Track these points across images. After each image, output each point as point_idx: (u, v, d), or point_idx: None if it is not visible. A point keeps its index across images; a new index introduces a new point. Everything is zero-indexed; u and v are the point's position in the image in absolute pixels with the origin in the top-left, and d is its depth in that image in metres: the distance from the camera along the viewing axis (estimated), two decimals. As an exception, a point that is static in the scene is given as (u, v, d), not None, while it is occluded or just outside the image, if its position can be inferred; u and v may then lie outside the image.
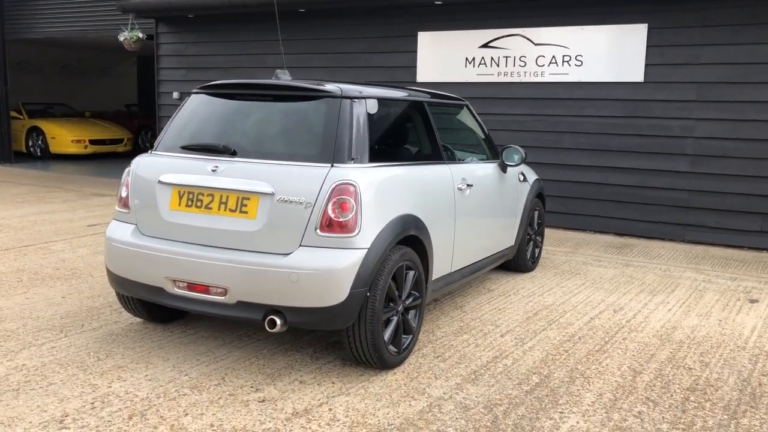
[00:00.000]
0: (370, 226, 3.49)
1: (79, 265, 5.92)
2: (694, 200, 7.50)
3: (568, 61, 7.98)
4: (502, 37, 8.32)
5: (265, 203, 3.53)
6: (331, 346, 4.11)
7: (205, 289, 3.61)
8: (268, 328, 3.47)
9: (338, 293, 3.39)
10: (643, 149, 7.70)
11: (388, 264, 3.59)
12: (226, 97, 4.08)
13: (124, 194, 4.01)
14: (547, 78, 8.11)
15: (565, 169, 8.11)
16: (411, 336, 3.92)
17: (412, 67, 8.96)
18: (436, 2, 8.49)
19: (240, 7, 9.65)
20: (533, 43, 8.15)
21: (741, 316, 4.94)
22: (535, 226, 6.12)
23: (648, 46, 7.53)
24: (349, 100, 3.76)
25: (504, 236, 5.45)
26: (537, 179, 6.11)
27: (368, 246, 3.46)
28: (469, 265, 4.82)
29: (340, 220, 3.44)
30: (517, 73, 8.27)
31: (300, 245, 3.47)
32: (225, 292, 3.55)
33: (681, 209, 7.58)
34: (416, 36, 8.89)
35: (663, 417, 3.29)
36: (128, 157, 12.17)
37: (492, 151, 5.36)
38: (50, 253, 6.30)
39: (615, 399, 3.48)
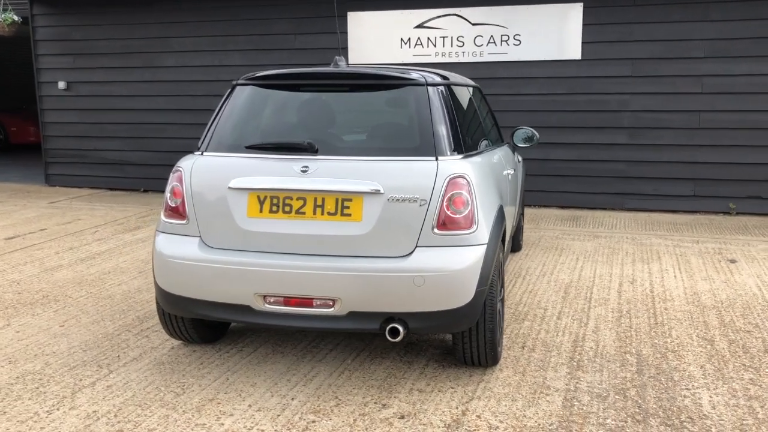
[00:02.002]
0: (485, 221, 3.32)
1: (42, 286, 5.14)
2: (633, 170, 7.97)
3: (506, 41, 8.11)
4: (438, 17, 8.27)
5: (371, 203, 3.23)
6: (407, 346, 3.90)
7: (308, 302, 3.25)
8: (390, 338, 3.20)
9: (466, 294, 3.19)
10: (583, 124, 8.03)
11: (497, 257, 3.45)
12: (285, 89, 3.68)
13: (176, 203, 3.50)
14: (486, 58, 8.19)
15: (507, 147, 8.26)
16: (501, 329, 3.81)
17: (343, 49, 8.67)
18: (369, -19, 8.25)
19: (144, -14, 8.81)
20: (470, 23, 8.18)
21: (736, 277, 5.32)
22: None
23: (584, 25, 7.83)
24: (434, 88, 3.54)
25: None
26: (522, 159, 6.17)
27: (486, 241, 3.29)
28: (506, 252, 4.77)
29: (457, 216, 3.23)
30: (455, 53, 8.28)
31: (416, 246, 3.22)
32: (333, 303, 3.22)
33: (620, 179, 8.02)
34: (346, 16, 8.60)
35: (774, 381, 3.46)
36: None
37: (500, 133, 5.32)
38: (-5, 275, 5.43)
39: (718, 369, 3.60)
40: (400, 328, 3.19)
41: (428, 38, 8.33)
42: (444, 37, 8.28)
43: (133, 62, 9.59)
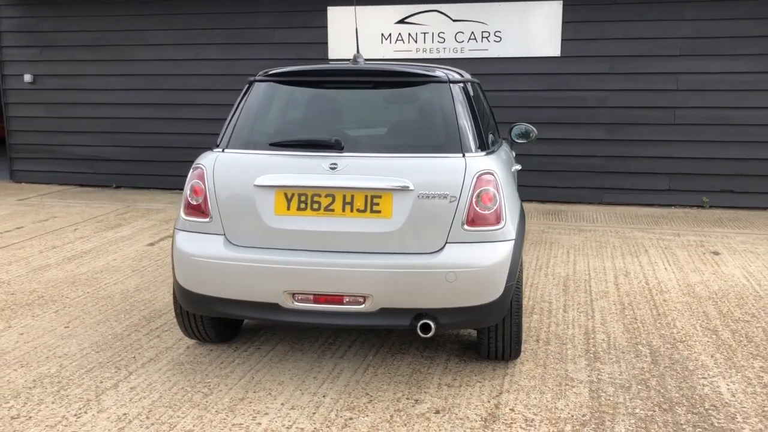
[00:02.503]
0: (510, 216, 3.37)
1: (35, 286, 5.00)
2: (611, 165, 8.15)
3: (487, 37, 8.19)
4: (419, 12, 8.30)
5: (401, 200, 3.24)
6: (425, 342, 3.93)
7: (338, 299, 3.25)
8: (421, 334, 3.22)
9: (496, 289, 3.24)
10: (562, 120, 8.18)
11: (521, 253, 3.51)
12: (306, 86, 3.65)
13: (197, 200, 3.45)
14: (467, 54, 8.26)
15: (488, 142, 8.35)
16: (518, 322, 3.87)
17: (323, 44, 8.63)
18: (350, -24, 8.23)
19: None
20: (451, 19, 8.24)
21: (723, 268, 5.51)
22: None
23: (563, 22, 7.96)
24: (456, 85, 3.57)
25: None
26: (515, 154, 6.25)
27: (514, 237, 3.34)
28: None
29: (485, 212, 3.27)
30: (436, 49, 8.32)
31: (446, 242, 3.25)
32: (364, 300, 3.23)
33: (599, 174, 8.20)
34: (326, 11, 8.56)
35: (783, 368, 3.61)
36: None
37: (498, 128, 5.38)
38: (-18, 276, 5.25)
39: (729, 358, 3.73)
40: (432, 324, 3.21)
41: (409, 34, 8.36)
42: (425, 33, 8.32)
43: (104, 55, 9.35)
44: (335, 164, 3.30)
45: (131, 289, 4.95)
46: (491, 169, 3.33)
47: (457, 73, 3.73)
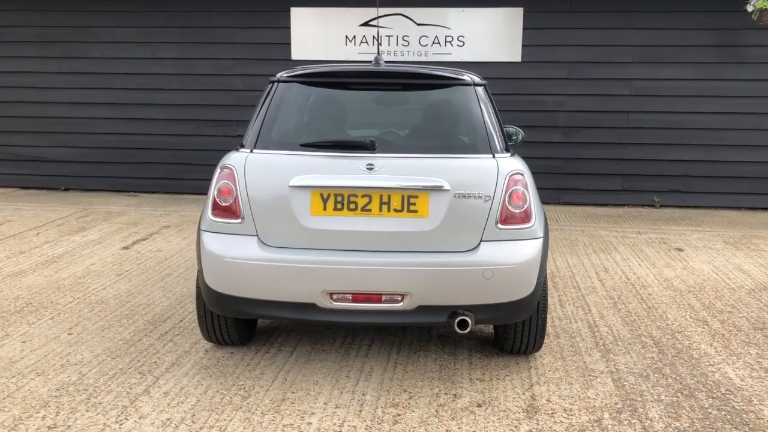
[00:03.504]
0: (538, 215, 3.50)
1: (18, 293, 4.78)
2: (568, 167, 8.47)
3: (450, 42, 8.36)
4: (384, 16, 8.38)
5: (438, 200, 3.31)
6: (442, 338, 4.01)
7: (377, 297, 3.29)
8: (458, 330, 3.30)
9: (529, 285, 3.36)
10: (523, 123, 8.36)
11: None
12: (332, 87, 3.67)
13: (227, 201, 3.41)
14: (431, 57, 8.40)
15: (451, 144, 8.52)
16: (532, 317, 4.01)
17: (286, 44, 8.58)
18: (315, -22, 8.23)
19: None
20: (415, 23, 8.36)
21: (691, 263, 5.86)
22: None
23: (524, 29, 8.22)
24: (480, 88, 3.68)
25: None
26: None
27: (542, 235, 3.47)
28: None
29: (517, 211, 3.39)
30: (401, 52, 8.43)
31: (481, 240, 3.35)
32: (402, 299, 3.29)
33: (557, 175, 8.50)
34: (289, 11, 8.51)
35: (777, 354, 3.89)
36: None
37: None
38: (-44, 283, 4.97)
39: (726, 347, 4.00)
40: (469, 320, 3.30)
41: (373, 36, 8.42)
42: (389, 36, 8.41)
43: (51, 52, 8.96)
44: (372, 165, 3.34)
45: (123, 293, 4.80)
46: (521, 170, 3.46)
47: (477, 76, 3.84)
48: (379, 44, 5.63)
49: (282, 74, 3.71)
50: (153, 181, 9.02)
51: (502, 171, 3.40)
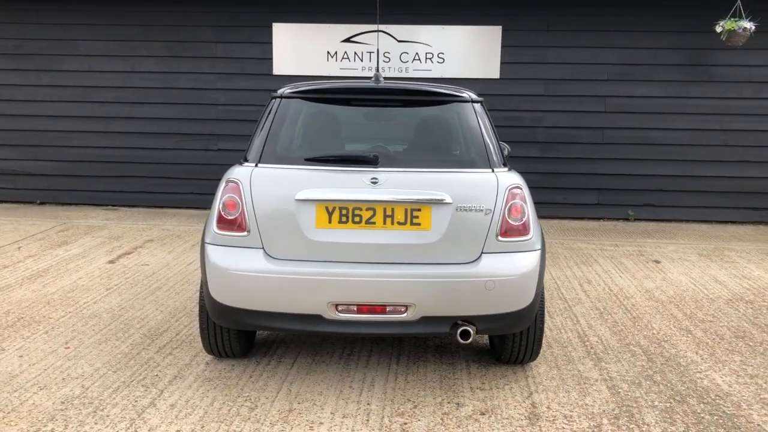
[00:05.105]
0: (535, 227, 3.62)
1: (7, 307, 4.74)
2: (545, 181, 8.66)
3: (431, 58, 8.52)
4: (365, 32, 8.50)
5: (440, 213, 3.41)
6: (438, 349, 4.10)
7: (381, 309, 3.36)
8: (461, 340, 3.40)
9: (528, 296, 3.46)
10: (501, 139, 8.56)
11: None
12: (334, 102, 3.75)
13: (232, 215, 3.46)
14: (411, 74, 8.55)
15: (431, 159, 8.65)
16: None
17: (267, 59, 8.64)
18: (298, -6, 8.32)
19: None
20: (396, 39, 8.50)
21: (669, 275, 6.05)
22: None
23: (503, 46, 8.42)
24: (478, 104, 3.80)
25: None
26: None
27: (540, 247, 3.58)
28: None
29: (516, 224, 3.50)
30: (382, 68, 8.54)
31: (482, 252, 3.45)
32: (405, 310, 3.36)
33: (534, 189, 8.58)
34: (271, 27, 8.58)
35: (763, 361, 4.05)
36: None
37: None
38: (-58, 298, 4.90)
39: (711, 354, 4.15)
40: (471, 331, 3.39)
41: (355, 52, 8.54)
42: (371, 52, 8.53)
43: (28, 65, 8.89)
44: (376, 179, 3.43)
45: (115, 307, 4.79)
46: (519, 184, 3.57)
47: (474, 92, 3.95)
48: (378, 61, 5.73)
49: (285, 90, 3.78)
50: (132, 195, 8.97)
51: (501, 185, 3.51)
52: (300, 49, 8.60)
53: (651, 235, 7.81)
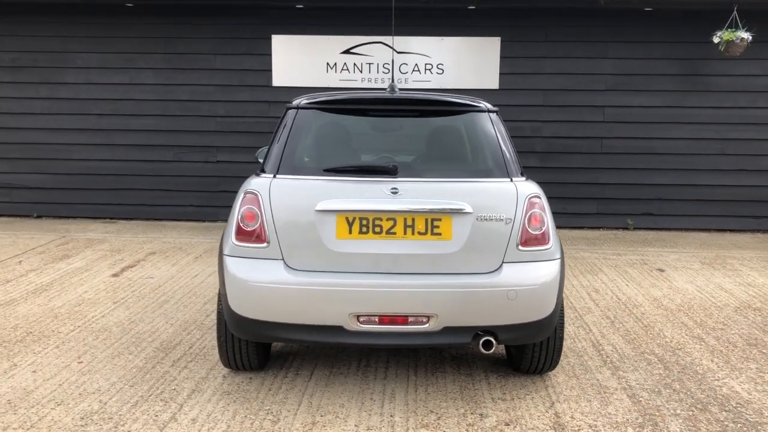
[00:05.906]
0: (554, 237, 3.62)
1: (15, 322, 4.67)
2: (545, 191, 8.63)
3: (430, 69, 8.54)
4: (365, 44, 8.52)
5: (461, 223, 3.40)
6: (455, 359, 4.08)
7: (403, 319, 3.35)
8: (483, 350, 3.38)
9: (549, 305, 3.46)
10: (501, 148, 8.62)
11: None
12: (350, 113, 3.75)
13: (251, 226, 3.43)
14: (411, 84, 8.56)
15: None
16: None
17: (266, 71, 8.63)
18: (297, 6, 8.32)
19: (48, -3, 8.20)
20: (396, 51, 8.52)
21: (675, 283, 6.07)
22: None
23: (501, 57, 8.46)
24: (494, 114, 3.81)
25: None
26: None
27: (559, 256, 3.58)
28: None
29: (536, 233, 3.50)
30: (381, 79, 8.56)
31: (503, 262, 3.44)
32: (428, 320, 3.35)
33: (534, 199, 8.68)
34: (270, 39, 8.58)
35: (775, 368, 4.07)
36: None
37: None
38: (-53, 313, 4.82)
39: (726, 362, 4.16)
40: (493, 341, 3.38)
41: (354, 64, 8.55)
42: (370, 64, 8.54)
43: (26, 77, 8.82)
44: (396, 189, 3.42)
45: (124, 321, 4.74)
46: (538, 193, 3.58)
47: (489, 103, 3.96)
48: (393, 73, 5.74)
49: (301, 101, 3.77)
50: (131, 208, 8.90)
51: (521, 194, 3.51)
52: (299, 61, 8.60)
53: (652, 244, 7.84)
